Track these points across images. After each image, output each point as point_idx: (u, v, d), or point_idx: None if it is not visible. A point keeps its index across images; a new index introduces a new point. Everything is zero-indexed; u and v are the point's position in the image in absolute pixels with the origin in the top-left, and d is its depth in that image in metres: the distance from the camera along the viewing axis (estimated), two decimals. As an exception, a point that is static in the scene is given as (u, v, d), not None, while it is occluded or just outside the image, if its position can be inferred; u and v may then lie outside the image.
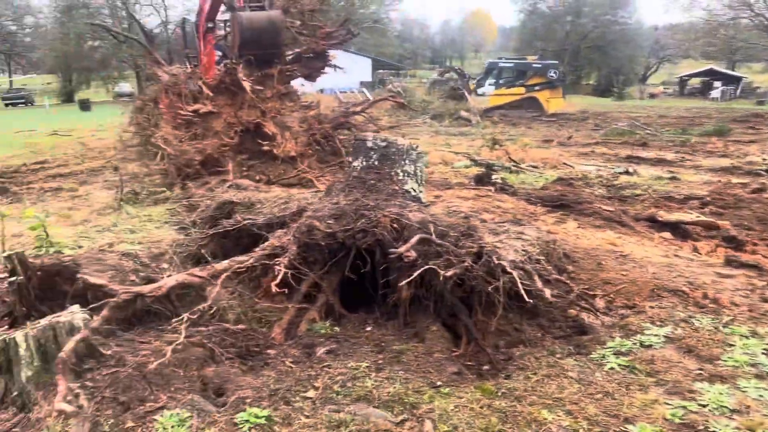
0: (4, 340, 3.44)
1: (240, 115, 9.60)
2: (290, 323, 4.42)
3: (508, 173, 9.88)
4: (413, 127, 20.65)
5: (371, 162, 5.13)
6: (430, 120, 22.39)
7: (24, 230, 6.12)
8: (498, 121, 21.77)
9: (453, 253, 3.73)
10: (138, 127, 10.16)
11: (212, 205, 6.26)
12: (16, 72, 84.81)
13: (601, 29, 66.25)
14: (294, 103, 10.44)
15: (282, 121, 9.93)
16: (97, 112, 36.63)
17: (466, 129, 19.79)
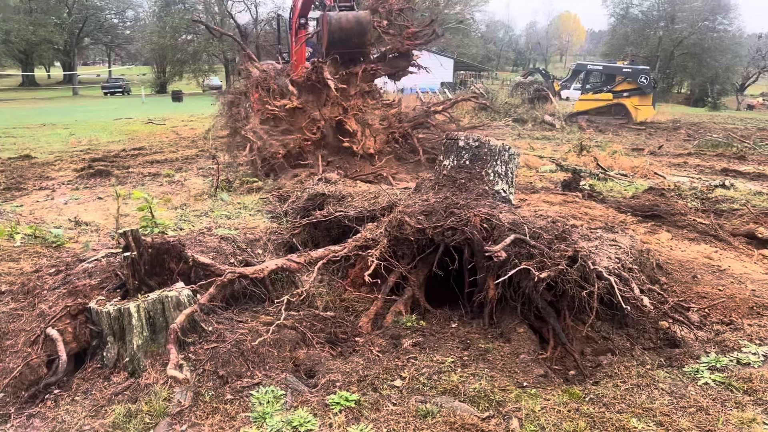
0: (119, 310, 3.72)
1: (324, 112, 9.88)
2: (377, 314, 4.53)
3: (595, 180, 9.65)
4: (495, 130, 20.44)
5: (462, 161, 5.17)
6: (512, 123, 22.09)
7: (130, 210, 6.56)
8: (584, 127, 21.20)
9: (546, 255, 3.73)
10: (229, 120, 10.64)
11: (304, 196, 6.47)
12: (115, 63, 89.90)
13: (697, 36, 63.15)
14: (376, 101, 10.66)
15: (363, 119, 10.20)
16: (188, 104, 38.32)
17: (549, 133, 19.40)
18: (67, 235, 5.45)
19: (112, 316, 3.72)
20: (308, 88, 10.12)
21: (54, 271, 4.50)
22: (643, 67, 27.04)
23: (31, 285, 4.30)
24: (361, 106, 10.37)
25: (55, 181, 10.19)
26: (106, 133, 19.37)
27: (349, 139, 9.85)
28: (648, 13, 71.39)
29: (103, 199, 8.31)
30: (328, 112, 10.04)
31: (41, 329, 3.79)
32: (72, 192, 9.12)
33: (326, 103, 10.02)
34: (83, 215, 6.84)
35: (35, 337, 3.78)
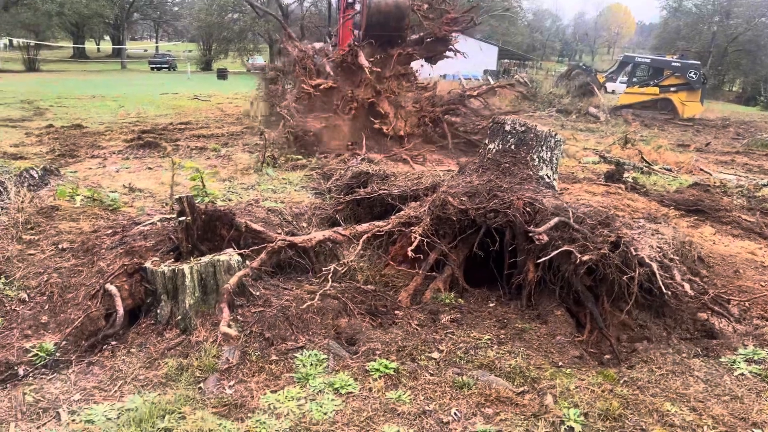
0: (173, 270, 3.92)
1: (357, 93, 10.04)
2: (416, 290, 4.66)
3: (639, 173, 9.56)
4: (538, 120, 20.26)
5: (508, 146, 5.23)
6: (555, 113, 21.83)
7: (181, 180, 6.80)
8: (630, 120, 20.83)
9: (589, 239, 3.78)
10: (268, 96, 10.90)
11: (348, 174, 6.62)
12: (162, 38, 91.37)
13: (753, 32, 61.02)
14: (410, 84, 10.82)
15: (396, 101, 10.37)
16: (233, 81, 38.80)
17: (593, 126, 19.13)
18: (122, 200, 5.70)
19: (167, 276, 3.91)
20: (344, 68, 10.30)
21: (111, 232, 4.74)
22: (694, 62, 26.26)
23: (90, 244, 4.53)
24: (395, 88, 10.55)
25: (106, 150, 10.55)
26: (153, 106, 19.84)
27: (380, 121, 9.99)
28: (702, 6, 69.22)
29: (153, 169, 8.60)
30: (362, 93, 10.21)
31: (100, 285, 4.02)
32: (123, 161, 9.44)
33: (360, 84, 10.18)
34: (136, 183, 7.11)
35: (95, 291, 4.02)
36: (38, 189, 5.39)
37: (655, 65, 26.59)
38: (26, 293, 4.00)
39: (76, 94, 23.39)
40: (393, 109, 10.25)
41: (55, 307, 3.95)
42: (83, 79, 36.06)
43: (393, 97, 10.36)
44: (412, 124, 10.41)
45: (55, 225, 4.78)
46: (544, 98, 24.66)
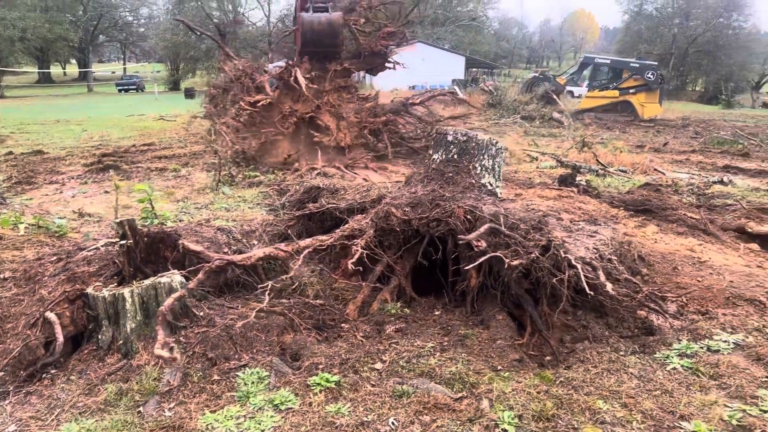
0: (114, 295, 3.91)
1: (296, 108, 10.35)
2: (364, 302, 4.70)
3: (594, 176, 9.74)
4: (503, 126, 20.55)
5: (450, 155, 5.32)
6: (520, 120, 22.14)
7: (132, 202, 6.77)
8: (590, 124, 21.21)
9: (521, 244, 3.86)
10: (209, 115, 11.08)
11: (300, 189, 6.65)
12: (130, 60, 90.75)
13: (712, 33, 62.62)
14: (352, 96, 11.18)
15: (338, 113, 10.66)
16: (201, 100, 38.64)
17: (556, 131, 19.44)
18: (70, 225, 5.66)
19: (108, 300, 3.91)
20: (284, 84, 10.49)
21: (55, 259, 4.71)
22: (651, 63, 26.89)
23: (33, 272, 4.50)
24: (334, 101, 10.87)
25: (65, 176, 10.44)
26: (117, 129, 19.69)
27: (320, 135, 10.24)
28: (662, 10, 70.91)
29: (110, 193, 8.53)
30: (301, 107, 10.48)
31: (40, 313, 3.99)
32: (80, 186, 9.36)
33: (299, 99, 10.41)
34: (88, 207, 7.06)
35: (34, 320, 3.98)
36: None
37: (614, 66, 27.19)
38: (-36, 325, 3.95)
39: (39, 120, 23.14)
40: (335, 121, 10.56)
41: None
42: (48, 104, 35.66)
43: (334, 110, 10.65)
44: (354, 135, 10.73)
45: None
46: (509, 105, 24.98)
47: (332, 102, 10.63)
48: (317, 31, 10.73)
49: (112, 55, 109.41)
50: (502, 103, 25.67)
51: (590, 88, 27.30)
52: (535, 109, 23.93)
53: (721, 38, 62.00)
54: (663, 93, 26.92)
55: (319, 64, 10.94)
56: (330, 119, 10.56)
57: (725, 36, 62.39)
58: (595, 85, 27.30)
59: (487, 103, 26.98)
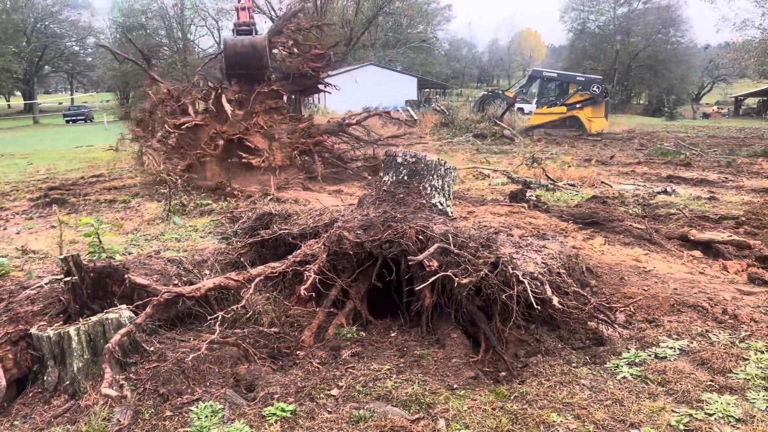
0: (59, 334, 3.79)
1: (223, 130, 10.36)
2: (319, 327, 4.67)
3: (544, 191, 9.96)
4: (456, 145, 20.85)
5: (401, 177, 5.37)
6: (473, 138, 22.51)
7: (79, 237, 6.60)
8: (540, 140, 21.72)
9: (471, 262, 3.92)
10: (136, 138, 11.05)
11: (252, 216, 6.59)
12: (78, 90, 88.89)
13: (652, 48, 65.24)
14: (283, 116, 11.25)
15: (270, 133, 10.73)
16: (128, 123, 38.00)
17: (507, 147, 19.84)
18: (13, 263, 5.48)
19: (53, 340, 3.78)
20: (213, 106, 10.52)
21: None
22: (595, 77, 27.78)
23: (-27, 314, 4.32)
24: (263, 123, 10.90)
25: (9, 212, 10.11)
26: (65, 161, 19.20)
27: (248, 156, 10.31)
28: (604, 27, 73.52)
29: (56, 228, 8.30)
30: (228, 129, 10.47)
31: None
32: (26, 222, 9.08)
33: (227, 121, 10.42)
34: (33, 244, 6.84)
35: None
36: None
37: (561, 78, 27.93)
38: None
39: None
40: (267, 142, 10.61)
41: (-68, 385, 3.73)
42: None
43: (265, 131, 10.69)
44: (285, 156, 10.78)
45: (-66, 298, 4.54)
46: (461, 124, 25.40)
47: (262, 123, 10.66)
48: (240, 54, 10.84)
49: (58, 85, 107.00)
50: (455, 122, 26.09)
51: (539, 104, 28.00)
52: (486, 127, 24.39)
53: (661, 53, 64.65)
54: (608, 107, 27.79)
55: (248, 86, 11.01)
56: (261, 140, 10.59)
57: (665, 51, 65.09)
58: (544, 101, 27.97)
59: (440, 122, 27.37)
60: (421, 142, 22.04)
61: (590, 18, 75.96)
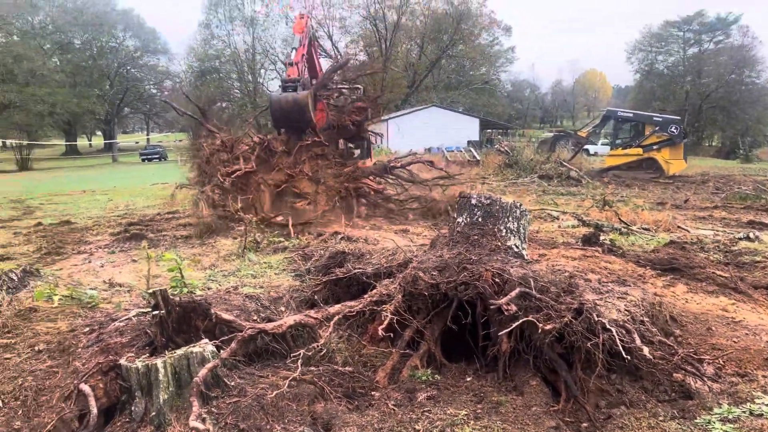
0: (146, 366, 3.93)
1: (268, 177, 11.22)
2: (393, 368, 4.66)
3: (617, 235, 9.70)
4: (520, 186, 20.66)
5: (475, 218, 5.37)
6: (538, 179, 22.27)
7: (161, 271, 6.87)
8: (609, 182, 21.25)
9: (552, 308, 3.85)
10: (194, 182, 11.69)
11: (326, 255, 6.72)
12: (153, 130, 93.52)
13: (725, 89, 63.31)
14: (329, 161, 12.01)
15: (316, 178, 11.52)
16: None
17: (574, 189, 19.50)
18: (101, 296, 5.75)
19: (141, 371, 3.92)
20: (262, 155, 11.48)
21: (88, 330, 4.77)
22: (674, 117, 26.85)
23: (67, 344, 4.55)
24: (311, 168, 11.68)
25: (92, 245, 10.64)
26: (142, 197, 20.13)
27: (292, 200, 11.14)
28: (673, 68, 72.04)
29: (137, 262, 8.67)
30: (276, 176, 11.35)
31: (75, 385, 4.02)
32: (108, 255, 9.52)
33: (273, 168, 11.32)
34: (117, 277, 7.17)
35: (69, 392, 4.01)
36: (17, 291, 5.44)
37: (637, 119, 26.92)
38: (0, 399, 3.98)
39: (67, 190, 23.75)
40: (313, 186, 11.38)
41: (29, 411, 3.93)
42: (75, 175, 36.68)
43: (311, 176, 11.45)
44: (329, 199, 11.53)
45: (32, 327, 4.80)
46: (526, 165, 25.19)
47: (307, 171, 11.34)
48: (285, 109, 11.47)
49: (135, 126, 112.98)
50: (519, 162, 25.91)
51: (613, 145, 27.10)
52: (552, 168, 24.08)
53: (735, 94, 62.61)
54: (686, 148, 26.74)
55: (296, 135, 11.68)
56: (307, 185, 11.34)
57: (738, 92, 63.01)
58: (618, 143, 27.04)
59: (503, 163, 27.25)
60: (485, 183, 22.00)
61: (658, 59, 74.68)
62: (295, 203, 11.07)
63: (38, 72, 48.91)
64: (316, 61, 14.30)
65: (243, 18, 65.46)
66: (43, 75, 49.69)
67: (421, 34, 64.91)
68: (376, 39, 63.77)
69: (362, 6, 62.43)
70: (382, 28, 62.53)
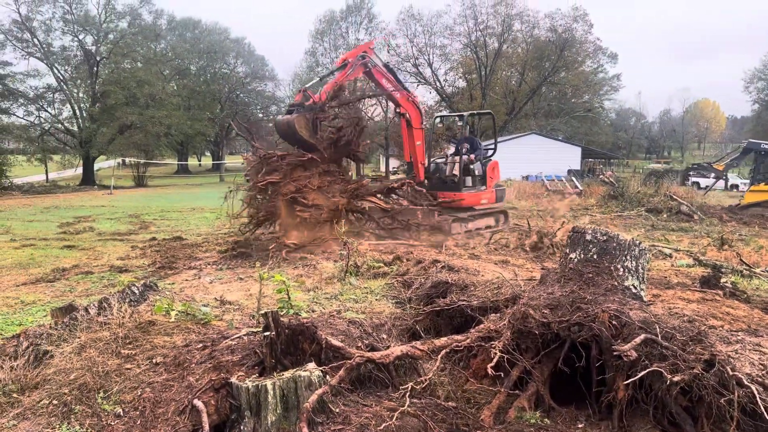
0: (257, 386, 4.01)
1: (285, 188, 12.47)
2: (499, 408, 4.50)
3: (739, 277, 9.00)
4: (627, 219, 19.73)
5: (589, 255, 5.13)
6: (645, 213, 21.17)
7: (268, 291, 7.07)
8: (728, 220, 19.84)
9: (680, 357, 3.58)
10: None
11: (427, 284, 6.66)
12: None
13: None
14: (335, 178, 13.08)
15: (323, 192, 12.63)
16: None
17: (686, 225, 18.36)
18: (213, 312, 5.97)
19: (251, 391, 4.01)
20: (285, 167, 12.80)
21: (201, 347, 4.95)
22: None
23: (182, 358, 4.74)
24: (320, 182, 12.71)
25: (201, 261, 11.16)
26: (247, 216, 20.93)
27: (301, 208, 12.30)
28: (797, 97, 67.04)
29: (244, 280, 8.99)
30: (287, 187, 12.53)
31: (188, 400, 4.17)
32: (216, 272, 9.94)
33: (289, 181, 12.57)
34: (227, 295, 7.44)
35: (183, 407, 4.16)
36: (138, 304, 5.76)
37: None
38: (121, 408, 4.19)
39: (178, 207, 25.16)
40: (322, 199, 12.49)
41: (147, 422, 4.11)
42: (185, 192, 38.87)
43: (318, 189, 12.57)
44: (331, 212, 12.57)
45: (150, 339, 5.05)
46: (632, 197, 24.06)
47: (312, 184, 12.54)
48: (282, 131, 12.99)
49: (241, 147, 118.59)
50: (625, 194, 24.79)
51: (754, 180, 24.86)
52: (661, 202, 22.84)
53: None
54: None
55: (308, 151, 12.87)
56: (315, 196, 12.42)
57: None
58: (760, 177, 24.83)
59: (607, 194, 26.17)
60: (588, 213, 21.20)
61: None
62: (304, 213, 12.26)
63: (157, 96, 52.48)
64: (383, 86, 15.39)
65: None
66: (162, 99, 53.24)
67: (523, 61, 64.17)
68: (475, 66, 63.69)
69: (463, 34, 62.68)
70: (483, 55, 62.41)
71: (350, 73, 14.59)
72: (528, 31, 63.82)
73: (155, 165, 60.48)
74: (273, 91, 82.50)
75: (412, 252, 11.03)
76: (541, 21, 63.03)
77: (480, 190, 15.66)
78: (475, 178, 15.74)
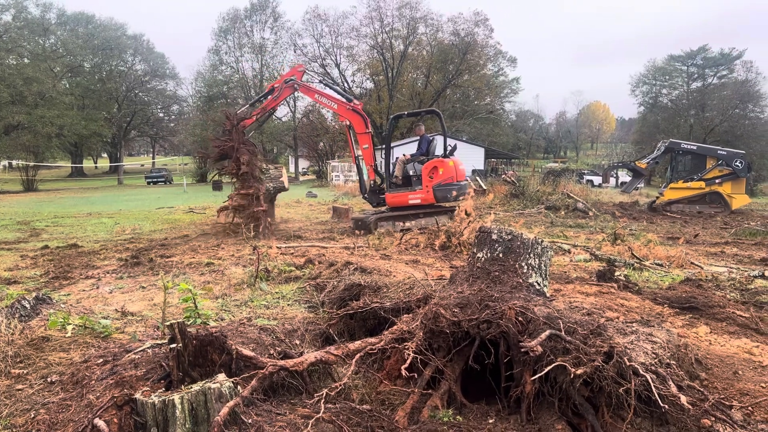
0: (163, 401, 3.83)
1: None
2: (413, 408, 4.54)
3: (631, 270, 9.61)
4: (527, 217, 20.60)
5: (496, 254, 5.30)
6: (545, 210, 22.21)
7: (173, 300, 6.79)
8: (619, 215, 21.17)
9: (582, 351, 3.76)
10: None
11: (340, 286, 6.63)
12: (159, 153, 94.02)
13: (728, 123, 63.65)
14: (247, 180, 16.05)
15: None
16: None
17: (582, 221, 19.42)
18: (114, 325, 5.66)
19: (157, 407, 3.82)
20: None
21: (102, 362, 4.68)
22: (738, 151, 26.52)
23: (80, 375, 4.46)
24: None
25: (100, 270, 10.56)
26: (148, 222, 20.09)
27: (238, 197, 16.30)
28: (677, 101, 72.59)
29: (146, 289, 8.58)
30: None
31: (89, 420, 3.91)
32: (116, 281, 9.44)
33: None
34: (128, 305, 7.07)
35: (83, 427, 3.90)
36: (29, 319, 5.36)
37: (700, 152, 26.33)
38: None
39: (72, 213, 23.73)
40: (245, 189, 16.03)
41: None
42: (80, 196, 36.74)
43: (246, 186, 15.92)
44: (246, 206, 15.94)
45: (45, 357, 4.72)
46: (533, 195, 25.16)
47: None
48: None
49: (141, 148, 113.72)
50: (525, 193, 25.88)
51: (673, 178, 26.42)
52: (559, 199, 24.04)
53: (739, 128, 62.94)
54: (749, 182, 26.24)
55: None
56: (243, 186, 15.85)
57: (742, 126, 63.36)
58: (677, 175, 26.40)
59: (509, 193, 27.23)
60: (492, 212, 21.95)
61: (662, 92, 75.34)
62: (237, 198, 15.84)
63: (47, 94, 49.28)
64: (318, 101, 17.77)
65: (252, 45, 66.21)
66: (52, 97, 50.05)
67: (428, 63, 65.52)
68: (382, 68, 64.36)
69: (369, 35, 63.18)
70: (389, 57, 63.15)
71: (277, 96, 16.20)
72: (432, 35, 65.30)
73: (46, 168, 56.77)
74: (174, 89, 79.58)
75: (325, 254, 10.98)
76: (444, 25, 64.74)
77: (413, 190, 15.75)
78: (410, 178, 15.95)
